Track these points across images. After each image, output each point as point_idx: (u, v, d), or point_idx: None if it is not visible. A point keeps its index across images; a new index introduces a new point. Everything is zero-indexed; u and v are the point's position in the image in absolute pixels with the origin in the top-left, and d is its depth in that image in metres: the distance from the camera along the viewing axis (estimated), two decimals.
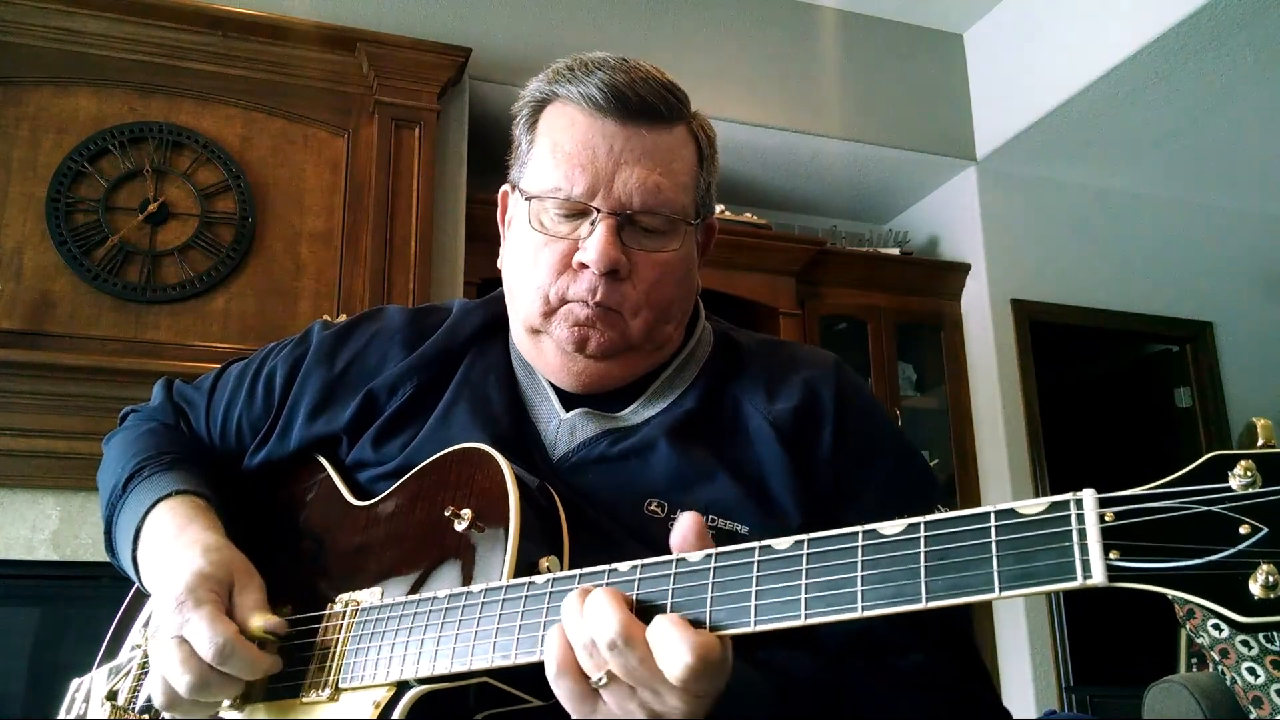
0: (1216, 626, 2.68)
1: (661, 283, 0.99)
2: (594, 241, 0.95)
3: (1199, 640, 2.74)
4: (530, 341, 1.04)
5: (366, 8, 3.53)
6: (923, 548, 0.64)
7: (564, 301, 0.98)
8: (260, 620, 0.91)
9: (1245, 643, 2.63)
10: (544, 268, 0.98)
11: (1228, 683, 2.65)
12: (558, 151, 0.98)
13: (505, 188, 1.10)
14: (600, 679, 0.71)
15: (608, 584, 0.75)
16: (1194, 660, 3.01)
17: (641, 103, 0.98)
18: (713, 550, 0.72)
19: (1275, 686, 2.56)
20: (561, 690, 0.73)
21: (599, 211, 0.96)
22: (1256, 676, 2.59)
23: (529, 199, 1.00)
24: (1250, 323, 4.78)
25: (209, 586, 0.90)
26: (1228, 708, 2.61)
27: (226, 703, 0.94)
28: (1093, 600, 4.11)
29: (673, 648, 0.68)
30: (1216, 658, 2.68)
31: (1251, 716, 2.56)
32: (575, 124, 0.99)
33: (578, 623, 0.72)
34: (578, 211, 0.97)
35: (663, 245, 0.99)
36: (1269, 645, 2.62)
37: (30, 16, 3.02)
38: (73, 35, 3.06)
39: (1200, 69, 3.76)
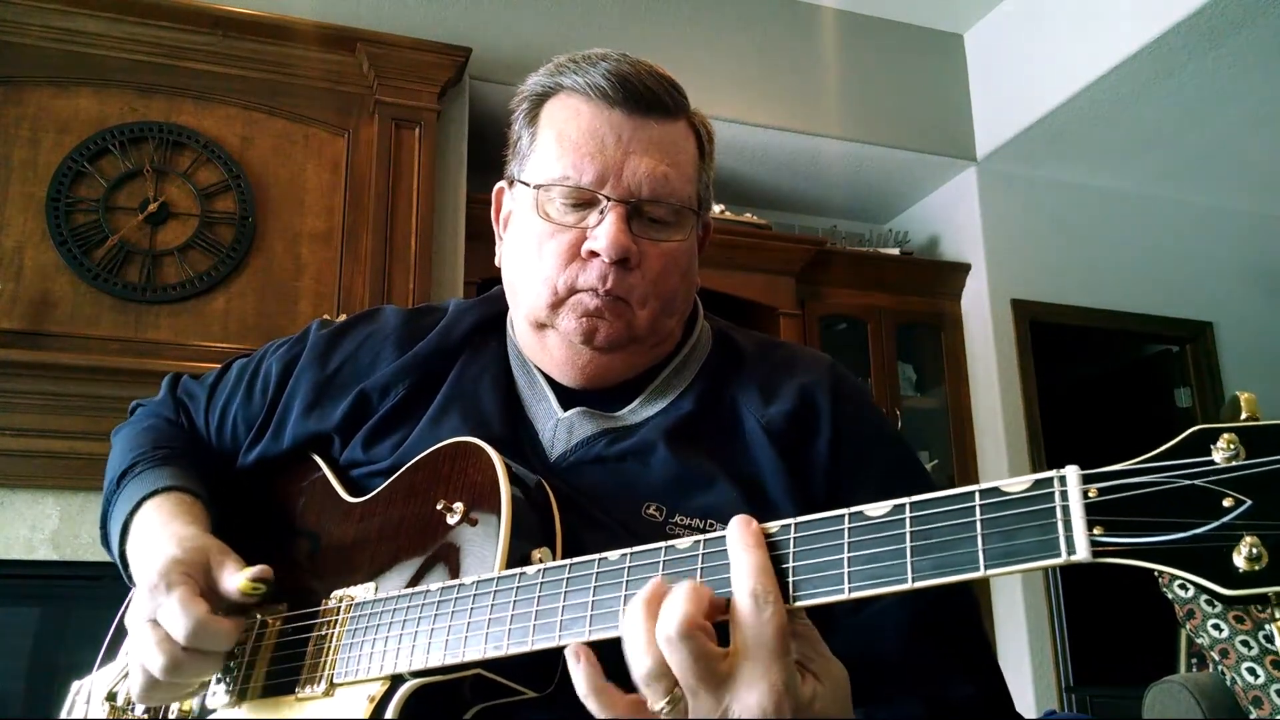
0: (1216, 626, 2.68)
1: (667, 273, 0.99)
2: (605, 229, 0.95)
3: (1199, 640, 2.73)
4: (534, 336, 1.03)
5: (366, 8, 3.54)
6: (908, 528, 0.64)
7: (573, 291, 0.97)
8: (242, 574, 0.91)
9: (1245, 643, 2.62)
10: (551, 258, 0.98)
11: (1228, 683, 2.64)
12: (564, 141, 0.98)
13: (501, 185, 1.10)
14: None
15: (598, 571, 0.75)
16: (1194, 660, 3.01)
17: (649, 93, 0.98)
18: (700, 537, 0.72)
19: (1275, 686, 2.55)
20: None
21: (608, 200, 0.96)
22: (1256, 676, 2.58)
23: (536, 187, 0.99)
24: (1250, 323, 4.78)
25: (181, 570, 0.91)
26: (1228, 708, 2.61)
27: (224, 699, 0.94)
28: (1093, 599, 4.11)
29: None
30: (1216, 658, 2.67)
31: (1251, 716, 2.56)
32: (581, 114, 0.98)
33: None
34: (585, 201, 0.97)
35: (669, 235, 0.99)
36: (1269, 645, 2.61)
37: (30, 16, 3.02)
38: (73, 35, 3.07)
39: (1200, 69, 3.76)
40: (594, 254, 0.96)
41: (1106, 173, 4.55)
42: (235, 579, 0.92)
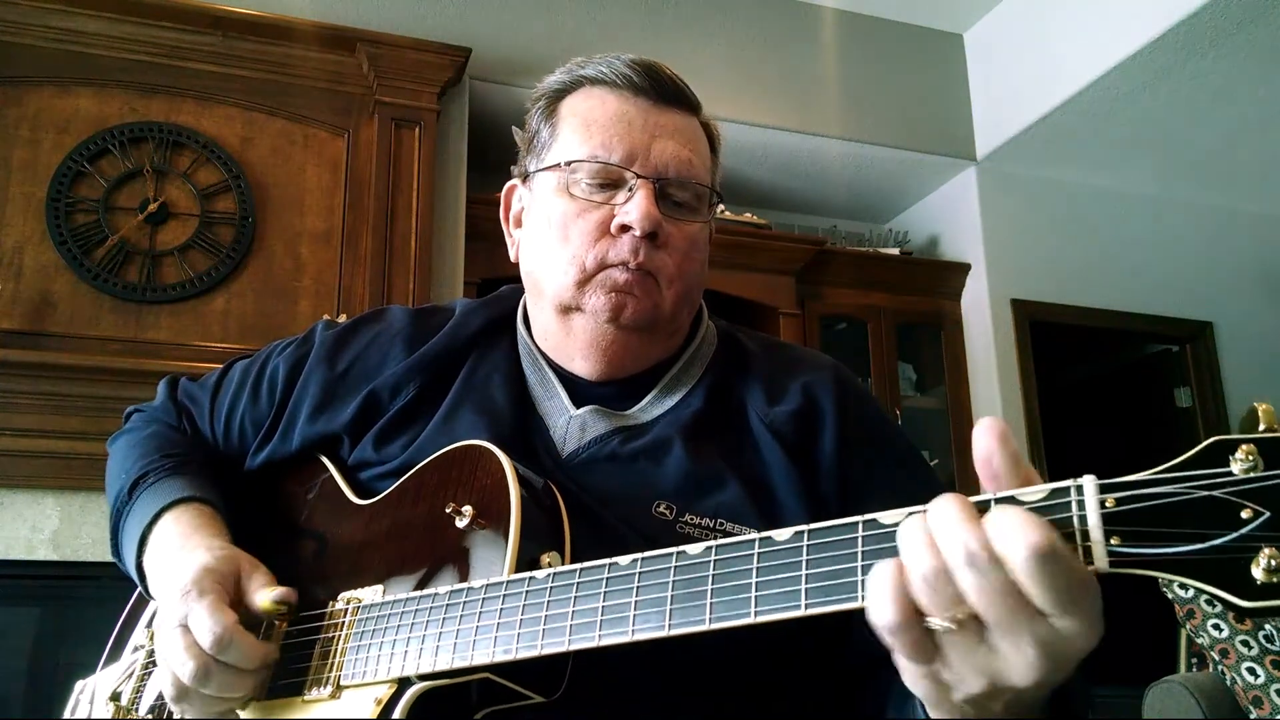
0: (1216, 626, 2.68)
1: (691, 255, 1.01)
2: (636, 203, 0.96)
3: (1199, 640, 2.73)
4: (559, 324, 1.03)
5: (366, 8, 3.54)
6: None
7: (602, 267, 0.98)
8: (268, 594, 0.92)
9: (1245, 643, 2.63)
10: (579, 236, 0.98)
11: (1228, 683, 2.64)
12: (590, 125, 1.00)
13: (513, 181, 1.10)
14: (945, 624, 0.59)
15: (608, 577, 0.74)
16: (1194, 660, 3.01)
17: (672, 84, 1.02)
18: (713, 543, 0.71)
19: (1275, 686, 2.55)
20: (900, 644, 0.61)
21: (637, 177, 0.98)
22: (1256, 676, 2.58)
23: (565, 165, 1.00)
24: (1250, 323, 4.78)
25: (213, 579, 0.91)
26: (1228, 708, 2.61)
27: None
28: None
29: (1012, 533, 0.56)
30: (1216, 658, 2.67)
31: (1251, 716, 2.56)
32: (606, 100, 1.01)
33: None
34: (613, 180, 0.99)
35: (691, 218, 1.02)
36: (1269, 645, 2.61)
37: (30, 16, 3.02)
38: (73, 35, 3.06)
39: (1200, 69, 3.76)
40: (625, 228, 0.97)
41: (1106, 173, 4.56)
42: (261, 595, 0.92)
